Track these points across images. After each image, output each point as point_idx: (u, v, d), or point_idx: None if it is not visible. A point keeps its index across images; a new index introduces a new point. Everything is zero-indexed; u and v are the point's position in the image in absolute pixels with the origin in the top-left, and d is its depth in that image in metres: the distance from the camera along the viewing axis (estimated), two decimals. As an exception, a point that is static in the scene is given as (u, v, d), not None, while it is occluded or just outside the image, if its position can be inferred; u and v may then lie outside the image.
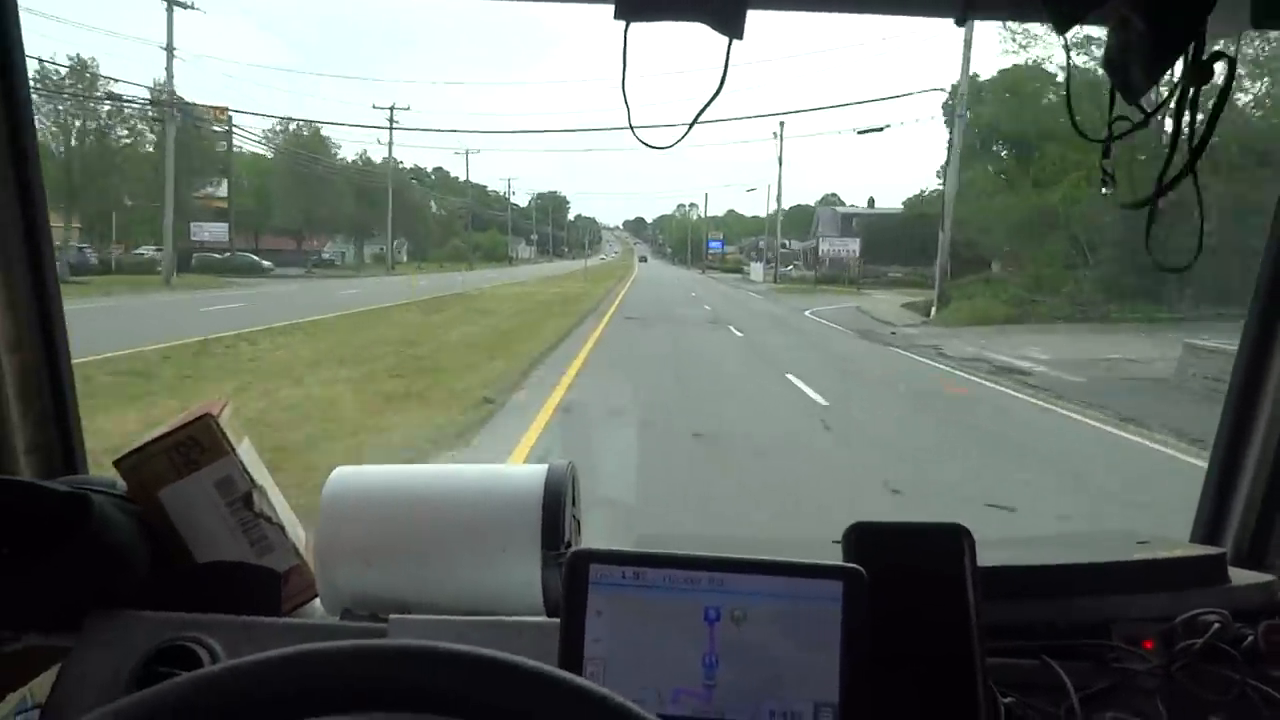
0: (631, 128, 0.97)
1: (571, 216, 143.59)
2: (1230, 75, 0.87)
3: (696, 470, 7.54)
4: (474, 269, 63.08)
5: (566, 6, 1.09)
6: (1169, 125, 0.89)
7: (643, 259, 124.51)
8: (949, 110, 29.47)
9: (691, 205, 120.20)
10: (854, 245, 54.27)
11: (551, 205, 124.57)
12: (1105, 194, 1.02)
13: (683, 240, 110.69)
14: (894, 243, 47.47)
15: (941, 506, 6.08)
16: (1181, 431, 9.13)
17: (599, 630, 0.85)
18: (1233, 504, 1.34)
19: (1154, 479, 7.59)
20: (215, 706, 0.55)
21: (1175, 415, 9.76)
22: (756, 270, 65.07)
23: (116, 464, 1.08)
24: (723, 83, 0.94)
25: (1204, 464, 1.42)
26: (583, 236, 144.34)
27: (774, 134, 55.37)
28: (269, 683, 0.56)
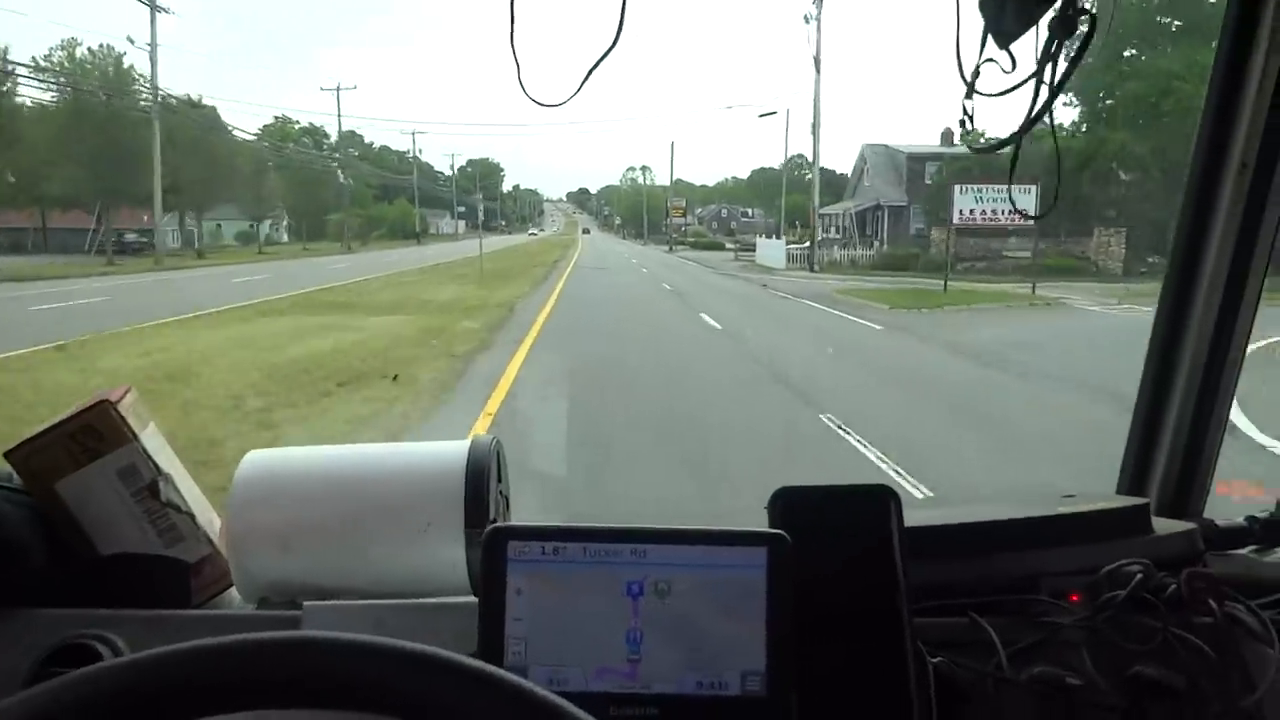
0: (521, 85, 0.93)
1: (509, 187, 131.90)
2: (1091, 29, 0.89)
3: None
4: (357, 250, 46.67)
5: None
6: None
7: (585, 231, 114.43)
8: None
9: (643, 168, 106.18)
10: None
11: (482, 173, 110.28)
12: (966, 137, 1.01)
13: (634, 209, 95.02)
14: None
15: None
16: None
17: (520, 609, 0.83)
18: (1156, 455, 1.37)
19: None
20: (105, 704, 0.51)
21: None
22: (771, 251, 37.54)
23: (7, 455, 1.02)
24: (617, 39, 0.90)
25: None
26: (522, 209, 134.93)
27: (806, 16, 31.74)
28: (165, 678, 0.53)
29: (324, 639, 0.54)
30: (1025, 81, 0.93)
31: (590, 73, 0.91)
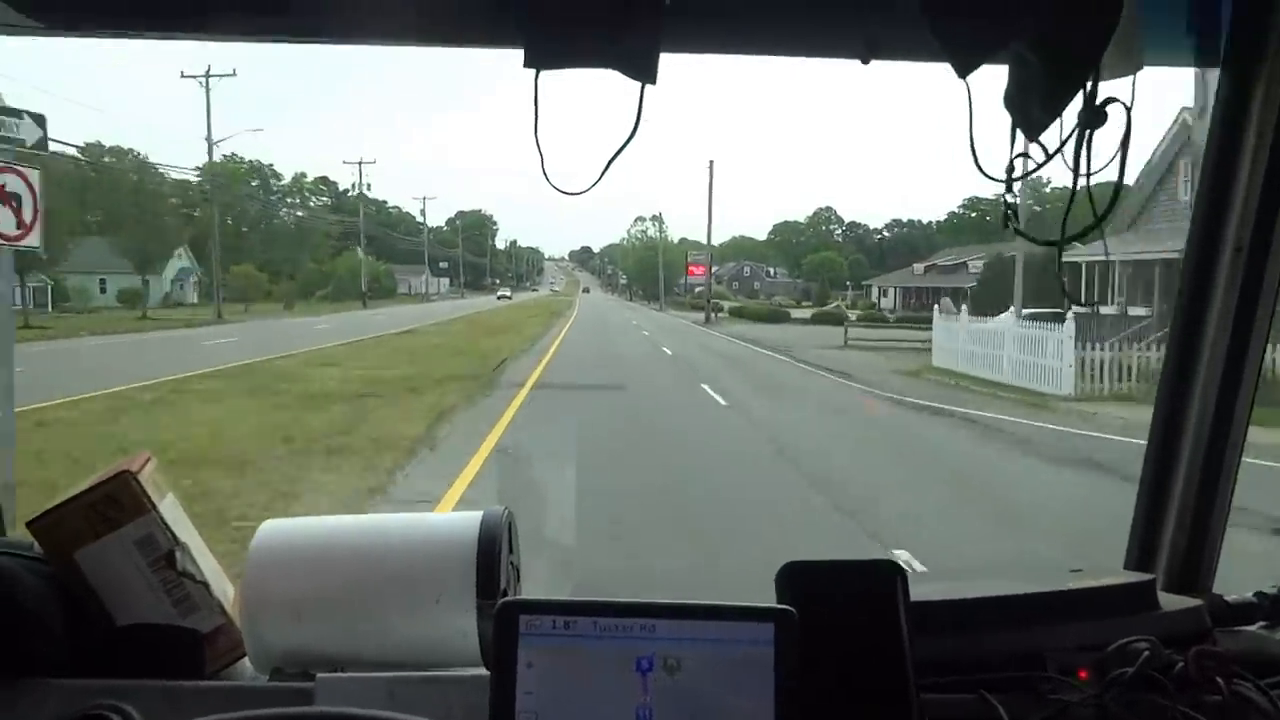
0: (545, 174, 0.96)
1: (503, 243, 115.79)
2: (1129, 121, 0.89)
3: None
4: (267, 314, 36.72)
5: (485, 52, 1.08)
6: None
7: (585, 290, 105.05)
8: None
9: (654, 218, 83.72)
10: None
11: (470, 226, 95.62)
12: (1011, 228, 1.03)
13: (644, 266, 75.72)
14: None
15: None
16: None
17: (531, 682, 0.84)
18: (1163, 530, 1.37)
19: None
20: None
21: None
22: (1003, 333, 17.32)
23: (30, 525, 1.04)
24: (636, 127, 0.94)
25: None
26: (519, 266, 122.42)
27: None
28: None
29: (336, 714, 0.55)
30: (1041, 166, 0.95)
31: (611, 161, 0.95)
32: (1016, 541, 6.51)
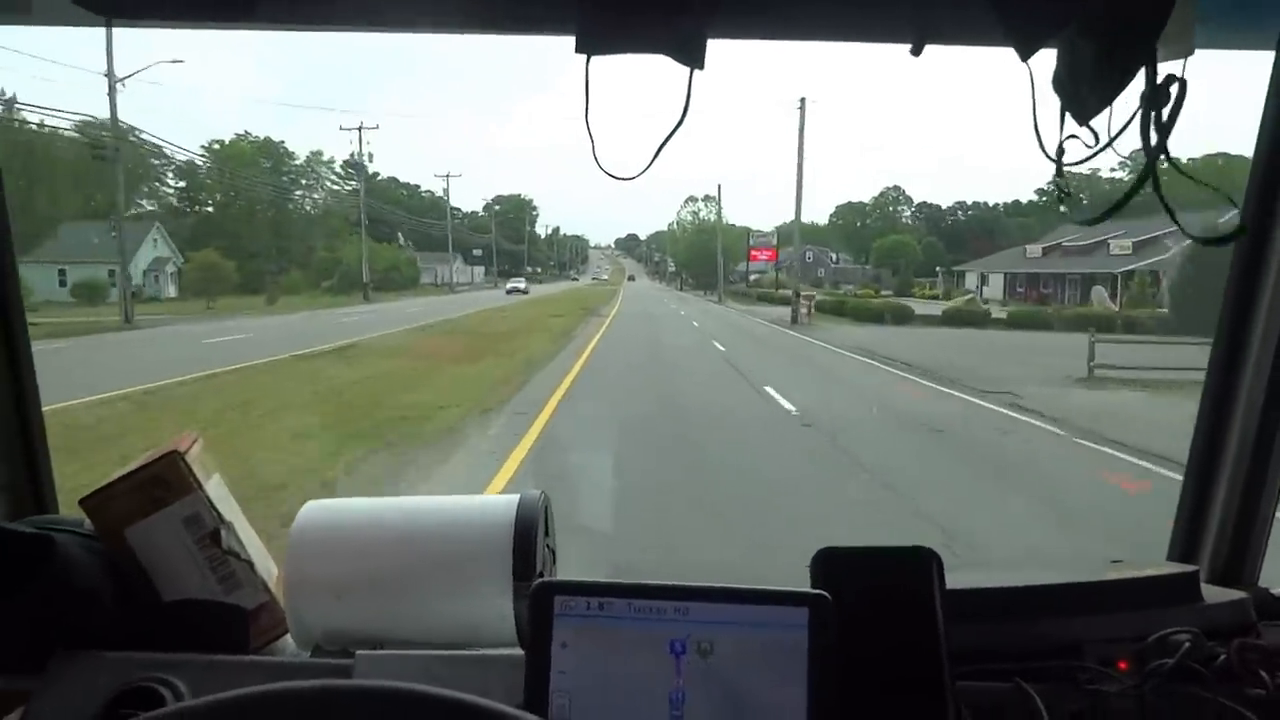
0: (596, 159, 0.97)
1: (545, 229, 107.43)
2: (1180, 97, 0.88)
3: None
4: (235, 312, 27.81)
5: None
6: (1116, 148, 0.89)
7: (631, 278, 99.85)
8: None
9: (706, 198, 71.58)
10: None
11: (508, 210, 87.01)
12: (1062, 211, 1.02)
13: (696, 252, 65.08)
14: None
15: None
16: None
17: (565, 662, 0.85)
18: (1207, 521, 1.35)
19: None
20: None
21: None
22: None
23: (82, 503, 1.08)
24: (685, 113, 0.95)
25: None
26: (562, 254, 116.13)
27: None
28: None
29: (373, 688, 0.56)
30: (1101, 150, 0.93)
31: (661, 147, 0.96)
32: None
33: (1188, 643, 1.02)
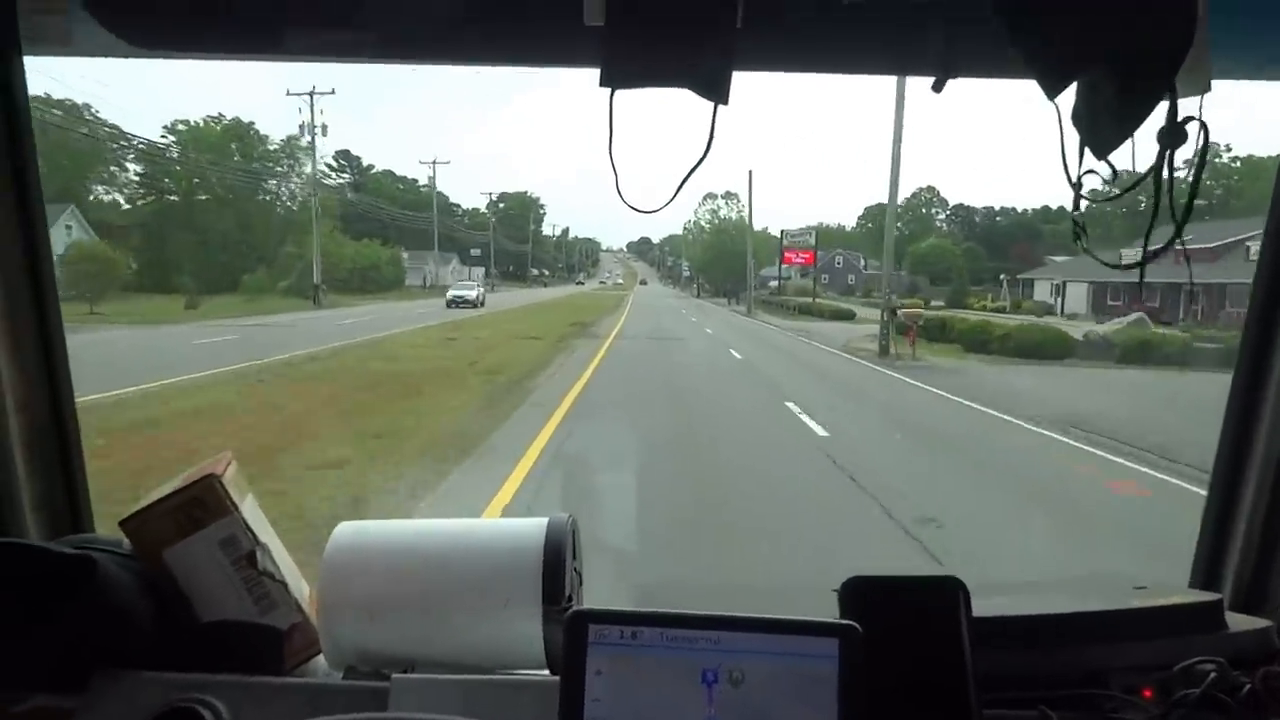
0: (619, 192, 0.98)
1: (553, 229, 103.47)
2: (1205, 139, 0.88)
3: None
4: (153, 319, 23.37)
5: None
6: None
7: (643, 282, 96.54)
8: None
9: (727, 195, 62.61)
10: None
11: (512, 208, 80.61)
12: (1079, 246, 1.02)
13: (716, 254, 58.04)
14: None
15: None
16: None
17: (599, 690, 0.86)
18: (1230, 549, 1.35)
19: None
20: None
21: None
22: None
23: (122, 525, 1.10)
24: (709, 146, 0.96)
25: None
26: (570, 256, 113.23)
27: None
28: None
29: None
30: (1130, 189, 0.94)
31: (684, 182, 0.97)
32: None
33: (1213, 672, 1.03)
